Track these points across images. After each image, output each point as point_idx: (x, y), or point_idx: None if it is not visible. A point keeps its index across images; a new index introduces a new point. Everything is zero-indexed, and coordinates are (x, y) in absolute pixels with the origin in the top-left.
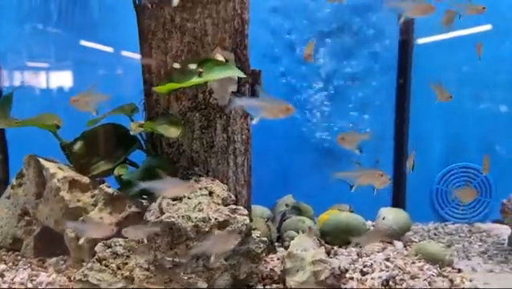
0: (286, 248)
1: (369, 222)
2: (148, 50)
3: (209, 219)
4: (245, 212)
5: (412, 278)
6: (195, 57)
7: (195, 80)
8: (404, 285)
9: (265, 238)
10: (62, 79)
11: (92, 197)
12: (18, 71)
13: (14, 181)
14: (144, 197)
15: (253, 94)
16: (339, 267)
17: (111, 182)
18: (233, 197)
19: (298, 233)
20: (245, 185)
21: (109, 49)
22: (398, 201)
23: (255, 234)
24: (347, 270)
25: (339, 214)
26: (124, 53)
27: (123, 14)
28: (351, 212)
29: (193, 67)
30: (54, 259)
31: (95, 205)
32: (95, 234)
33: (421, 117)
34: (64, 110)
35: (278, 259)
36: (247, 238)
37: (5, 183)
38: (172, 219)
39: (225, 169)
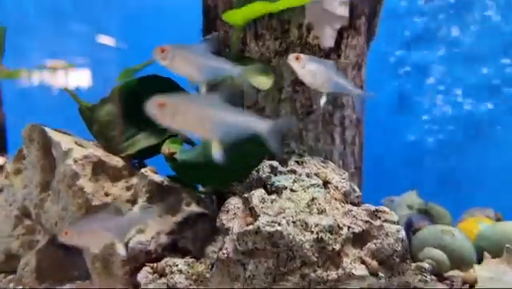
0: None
1: None
2: None
3: (340, 228)
4: (395, 217)
5: None
6: None
7: (289, 0)
8: None
9: (428, 263)
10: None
11: (128, 188)
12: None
13: (8, 167)
14: (202, 190)
15: (371, 33)
16: None
17: (156, 165)
18: (358, 190)
19: (444, 251)
20: (355, 173)
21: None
22: None
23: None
24: None
25: (506, 224)
26: None
27: None
28: (499, 220)
29: None
30: (66, 287)
31: (133, 201)
32: None
33: None
34: None
35: None
36: (401, 265)
37: None
38: (278, 227)
39: (328, 148)
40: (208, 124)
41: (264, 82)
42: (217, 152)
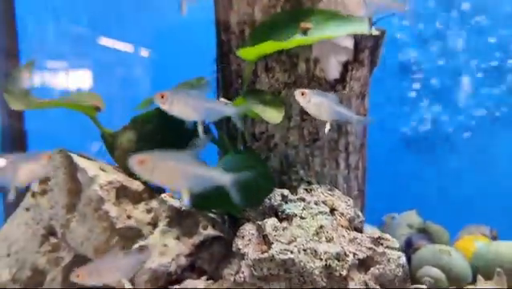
0: None
1: None
2: (226, 1)
3: (346, 255)
4: (396, 244)
5: None
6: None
7: (298, 40)
8: None
9: (427, 281)
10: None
11: (149, 211)
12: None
13: (35, 187)
14: (214, 211)
15: (373, 64)
16: None
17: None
18: (361, 216)
19: (442, 270)
20: (358, 196)
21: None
22: None
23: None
24: None
25: (500, 245)
26: None
27: None
28: (495, 238)
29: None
30: None
31: (153, 224)
32: None
33: None
34: None
35: None
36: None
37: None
38: (290, 255)
39: (333, 173)
40: (181, 177)
41: (275, 116)
42: (186, 199)
